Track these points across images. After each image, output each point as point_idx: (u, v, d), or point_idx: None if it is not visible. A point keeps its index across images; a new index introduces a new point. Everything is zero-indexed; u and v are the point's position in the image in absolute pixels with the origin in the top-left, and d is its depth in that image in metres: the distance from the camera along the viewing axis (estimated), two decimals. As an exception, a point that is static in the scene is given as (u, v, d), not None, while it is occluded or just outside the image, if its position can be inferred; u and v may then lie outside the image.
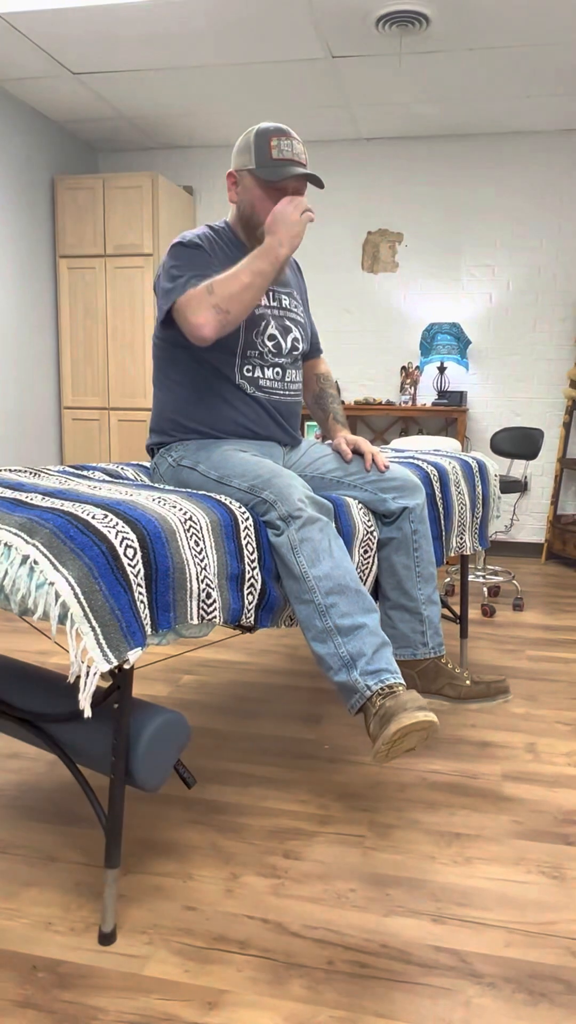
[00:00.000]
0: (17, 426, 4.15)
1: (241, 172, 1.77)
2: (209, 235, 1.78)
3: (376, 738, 1.40)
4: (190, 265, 1.71)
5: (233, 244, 1.81)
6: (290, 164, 1.72)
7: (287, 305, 1.88)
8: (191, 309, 1.64)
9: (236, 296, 1.64)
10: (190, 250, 1.73)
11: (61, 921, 1.38)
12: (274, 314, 1.84)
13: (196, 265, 1.72)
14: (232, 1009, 1.19)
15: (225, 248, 1.79)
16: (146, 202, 4.22)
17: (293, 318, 1.88)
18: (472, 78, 3.63)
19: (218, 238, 1.79)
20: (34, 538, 1.21)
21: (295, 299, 1.91)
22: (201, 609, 1.35)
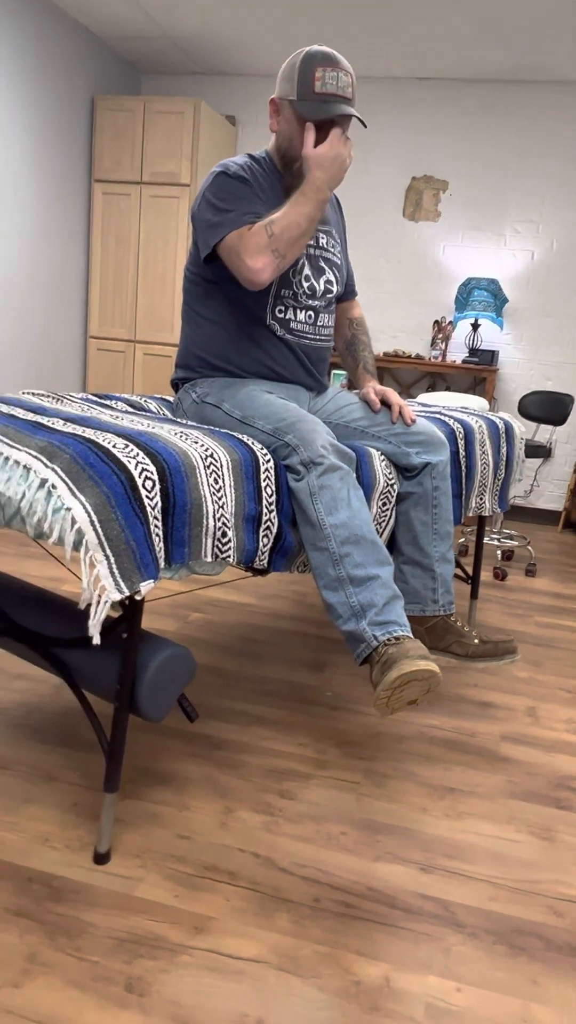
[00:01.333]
0: (42, 352, 4.12)
1: (283, 101, 1.69)
2: (252, 165, 1.72)
3: (377, 685, 1.41)
4: (237, 199, 1.65)
5: (274, 176, 1.75)
6: (334, 100, 1.63)
7: (324, 244, 1.82)
8: (249, 251, 1.59)
9: (294, 242, 1.60)
10: (236, 183, 1.66)
11: (58, 838, 1.41)
12: (310, 253, 1.79)
13: (243, 200, 1.65)
14: (219, 936, 1.22)
15: (266, 181, 1.73)
16: (187, 130, 4.09)
17: (329, 258, 1.83)
18: (537, 20, 3.46)
19: (260, 168, 1.73)
20: (53, 462, 1.20)
21: (333, 238, 1.85)
22: (216, 547, 1.34)
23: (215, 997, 1.10)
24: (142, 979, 1.12)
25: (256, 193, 1.67)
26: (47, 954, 1.15)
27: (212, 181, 1.67)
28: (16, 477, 1.22)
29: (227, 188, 1.65)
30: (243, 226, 1.61)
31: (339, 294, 1.89)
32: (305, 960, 1.19)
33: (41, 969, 1.12)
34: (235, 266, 1.62)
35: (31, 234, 3.90)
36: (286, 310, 1.76)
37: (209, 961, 1.17)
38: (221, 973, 1.15)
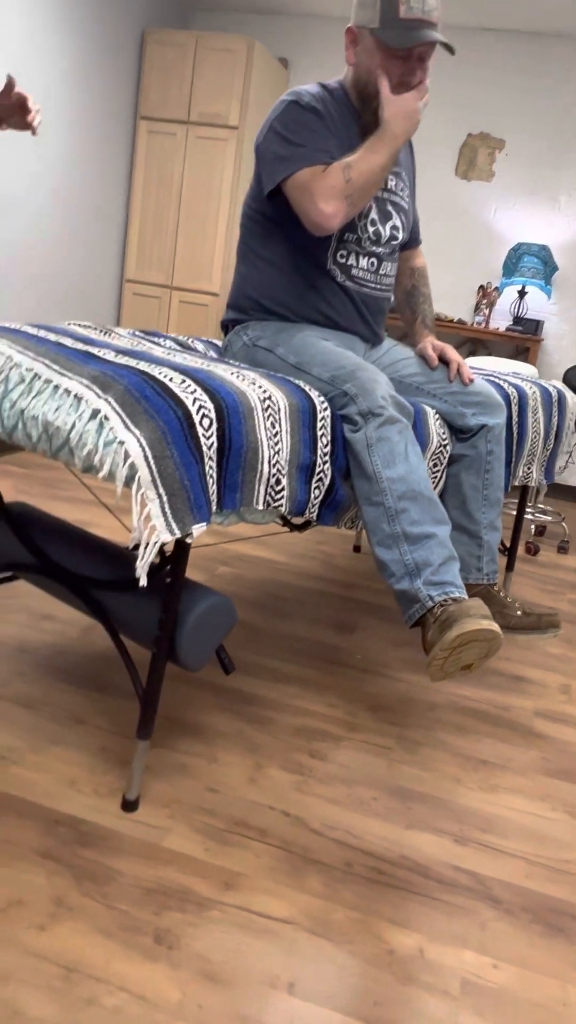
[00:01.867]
0: (76, 291, 4.03)
1: (362, 30, 1.57)
2: (324, 96, 1.61)
3: (433, 645, 1.34)
4: (310, 133, 1.54)
5: (347, 110, 1.64)
6: (419, 26, 1.52)
7: (392, 187, 1.72)
8: (322, 193, 1.49)
9: (367, 191, 1.53)
10: (309, 114, 1.56)
11: (85, 782, 1.38)
12: (378, 196, 1.69)
13: (317, 135, 1.55)
14: (249, 893, 1.18)
15: (339, 114, 1.62)
16: (238, 69, 3.94)
17: (397, 202, 1.73)
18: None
19: (333, 100, 1.62)
20: (106, 393, 1.14)
21: (403, 180, 1.75)
22: (269, 495, 1.28)
23: (245, 956, 1.07)
24: (171, 932, 1.09)
25: (329, 128, 1.57)
26: (74, 898, 1.12)
27: (283, 110, 1.57)
28: (66, 407, 1.15)
29: (300, 119, 1.55)
30: (317, 164, 1.52)
31: (404, 241, 1.79)
32: (337, 924, 1.15)
33: (68, 913, 1.09)
34: (303, 207, 1.53)
35: (73, 169, 3.78)
36: (348, 255, 1.67)
37: (239, 918, 1.13)
38: (251, 931, 1.11)
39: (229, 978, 1.03)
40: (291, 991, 1.03)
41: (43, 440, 1.18)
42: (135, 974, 1.02)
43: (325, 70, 4.41)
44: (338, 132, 1.59)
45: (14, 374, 1.23)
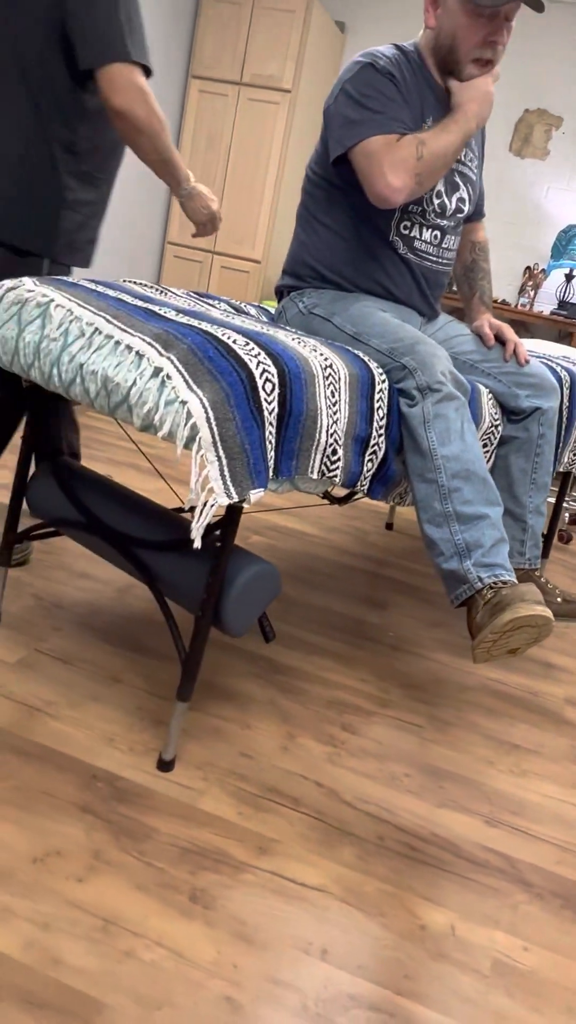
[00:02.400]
0: (116, 252, 4.00)
1: None
2: (400, 60, 1.55)
3: (483, 627, 1.33)
4: (385, 101, 1.49)
5: (421, 76, 1.59)
6: None
7: (462, 157, 1.67)
8: (391, 165, 1.45)
9: (436, 172, 1.49)
10: (385, 80, 1.50)
11: (122, 740, 1.39)
12: None
13: (393, 103, 1.50)
14: (282, 859, 1.19)
15: (413, 80, 1.57)
16: (295, 30, 3.85)
17: (464, 173, 1.68)
18: None
19: (408, 64, 1.57)
20: (169, 351, 1.13)
21: (472, 151, 1.70)
22: (324, 464, 1.26)
23: (279, 920, 1.08)
24: (207, 892, 1.10)
25: (403, 94, 1.53)
26: (112, 853, 1.13)
27: (357, 72, 1.52)
28: (127, 363, 1.14)
29: (375, 84, 1.50)
30: (391, 134, 1.48)
31: (470, 213, 1.75)
32: (369, 896, 1.16)
33: (106, 867, 1.10)
34: (370, 176, 1.48)
35: (122, 126, 3.73)
36: (412, 227, 1.63)
37: (273, 883, 1.14)
38: (285, 897, 1.12)
39: (263, 941, 1.04)
40: (323, 957, 1.04)
41: (101, 396, 1.17)
42: (172, 930, 1.02)
43: (382, 36, 4.31)
44: (411, 99, 1.54)
45: (74, 327, 1.21)
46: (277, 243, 4.23)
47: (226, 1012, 0.93)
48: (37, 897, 1.03)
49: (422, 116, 1.56)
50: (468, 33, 1.50)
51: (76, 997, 0.92)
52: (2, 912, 1.00)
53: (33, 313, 1.25)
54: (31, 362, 1.24)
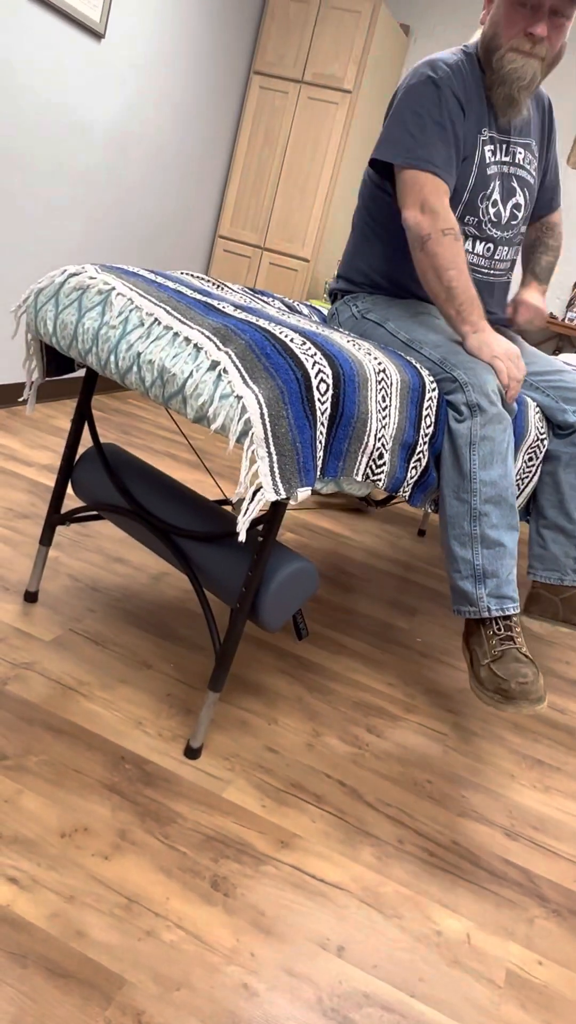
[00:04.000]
0: (166, 240, 4.03)
1: None
2: (463, 68, 1.54)
3: (483, 686, 1.39)
4: (438, 132, 1.48)
5: (477, 76, 1.57)
6: None
7: (520, 160, 1.66)
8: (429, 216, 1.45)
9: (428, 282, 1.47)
10: (446, 96, 1.49)
11: (151, 724, 1.41)
12: (503, 172, 1.64)
13: (445, 135, 1.49)
14: (303, 854, 1.20)
15: (471, 82, 1.55)
16: (360, 31, 3.85)
17: (523, 177, 1.67)
18: None
19: (471, 72, 1.56)
20: (227, 346, 1.14)
21: (532, 153, 1.69)
22: (370, 468, 1.27)
23: (298, 914, 1.09)
24: (227, 880, 1.12)
25: (463, 106, 1.51)
26: (137, 834, 1.15)
27: (422, 81, 1.50)
28: (184, 355, 1.16)
29: (433, 106, 1.48)
30: (439, 178, 1.48)
31: (526, 218, 1.74)
32: (387, 898, 1.16)
33: (131, 847, 1.13)
34: (406, 202, 1.49)
35: (182, 115, 3.77)
36: (466, 240, 1.63)
37: (293, 877, 1.15)
38: (304, 891, 1.13)
39: (281, 932, 1.05)
40: (340, 954, 1.05)
41: (156, 385, 1.19)
42: (192, 914, 1.04)
43: (446, 41, 4.29)
44: (471, 109, 1.54)
45: (134, 316, 1.24)
46: (328, 242, 4.24)
47: (243, 997, 0.95)
48: (63, 870, 1.06)
49: (478, 118, 1.56)
50: (509, 23, 1.50)
51: (98, 971, 0.94)
52: (30, 882, 1.03)
53: (94, 300, 1.27)
54: (89, 347, 1.26)
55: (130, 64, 3.30)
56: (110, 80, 3.22)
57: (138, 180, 3.63)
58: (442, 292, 1.47)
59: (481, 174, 1.60)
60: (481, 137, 1.58)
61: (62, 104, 3.00)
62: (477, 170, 1.58)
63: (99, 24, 3.01)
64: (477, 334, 1.46)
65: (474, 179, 1.59)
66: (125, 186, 3.55)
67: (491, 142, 1.60)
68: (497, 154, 1.62)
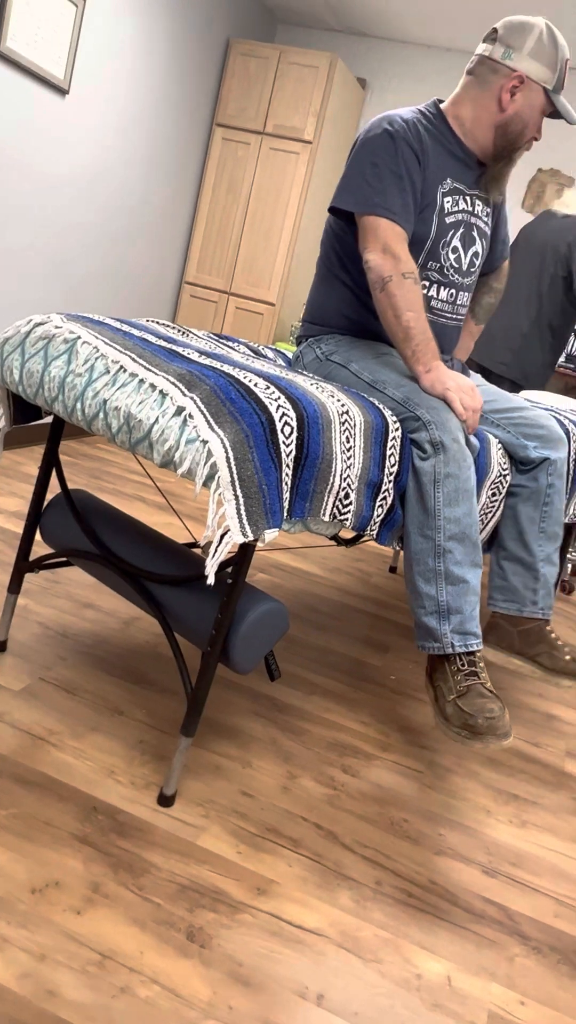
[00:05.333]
0: (134, 288, 4.08)
1: (534, 84, 1.60)
2: (420, 124, 1.61)
3: (449, 722, 1.39)
4: (394, 180, 1.53)
5: (443, 139, 1.63)
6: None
7: (478, 211, 1.72)
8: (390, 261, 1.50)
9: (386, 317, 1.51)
10: (401, 148, 1.55)
11: (123, 773, 1.39)
12: (465, 220, 1.69)
13: (401, 183, 1.54)
14: (280, 901, 1.19)
15: (431, 140, 1.62)
16: (319, 85, 3.98)
17: (480, 227, 1.73)
18: None
19: (430, 128, 1.63)
20: (192, 391, 1.16)
21: (487, 205, 1.75)
22: (336, 507, 1.29)
23: (276, 963, 1.07)
24: (203, 930, 1.10)
25: (420, 159, 1.57)
26: (110, 887, 1.13)
27: (379, 135, 1.55)
28: (150, 401, 1.17)
29: (394, 154, 1.54)
30: (396, 224, 1.53)
31: (481, 265, 1.80)
32: (366, 942, 1.15)
33: (104, 901, 1.10)
34: (366, 246, 1.54)
35: (146, 167, 3.84)
36: (430, 286, 1.68)
37: (270, 924, 1.14)
38: (282, 939, 1.12)
39: (260, 983, 1.03)
40: (320, 1002, 1.03)
41: (123, 432, 1.20)
42: (168, 968, 1.02)
43: (401, 94, 4.45)
44: (429, 162, 1.59)
45: (100, 364, 1.25)
46: (293, 286, 4.32)
47: (220, 1054, 0.93)
48: (34, 927, 1.03)
49: (440, 172, 1.62)
50: (534, 125, 1.65)
51: (71, 1032, 0.91)
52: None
53: (60, 348, 1.29)
54: (55, 395, 1.27)
55: (95, 118, 3.38)
56: (76, 135, 3.28)
57: (105, 230, 3.68)
58: (400, 332, 1.51)
59: (441, 223, 1.66)
60: (442, 188, 1.63)
61: (28, 159, 3.05)
62: (438, 219, 1.64)
63: (63, 80, 3.08)
64: (430, 372, 1.50)
65: (436, 228, 1.65)
66: (92, 236, 3.60)
67: (452, 193, 1.66)
68: (458, 204, 1.68)
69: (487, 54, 1.62)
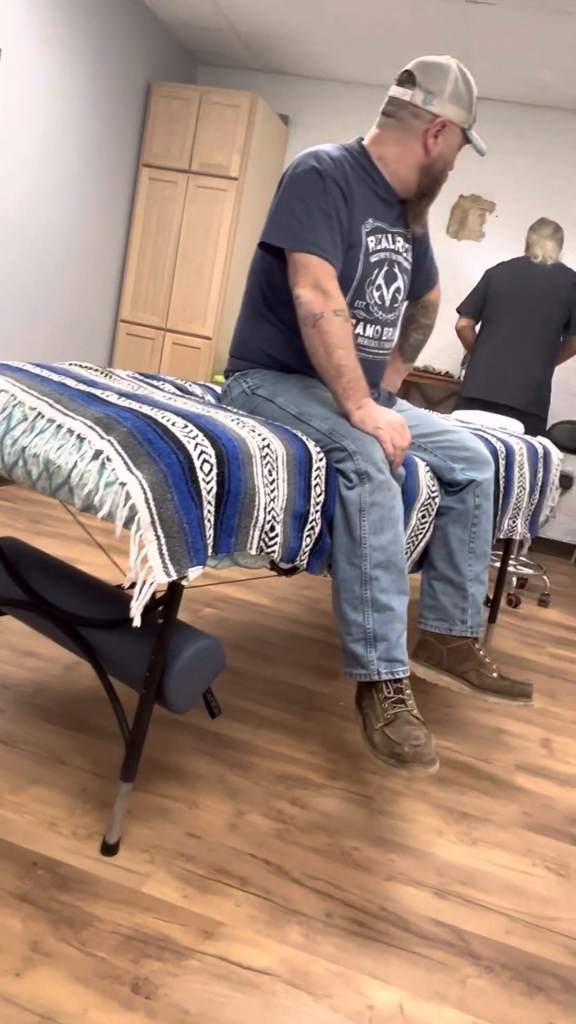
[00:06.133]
0: (70, 330, 4.08)
1: (453, 126, 1.66)
2: (346, 161, 1.64)
3: (376, 750, 1.39)
4: (323, 218, 1.56)
5: (367, 176, 1.68)
6: None
7: (399, 247, 1.76)
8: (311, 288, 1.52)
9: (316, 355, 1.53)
10: (329, 186, 1.57)
11: (64, 824, 1.36)
12: (388, 258, 1.73)
13: (332, 213, 1.58)
14: (228, 943, 1.17)
15: (355, 176, 1.64)
16: (241, 123, 4.07)
17: (401, 263, 1.77)
18: (605, 50, 3.44)
19: (354, 164, 1.67)
20: (109, 434, 1.16)
21: (407, 240, 1.80)
22: (263, 541, 1.30)
23: (224, 1007, 1.06)
24: (149, 980, 1.07)
25: (346, 196, 1.60)
26: (51, 944, 1.10)
27: (307, 172, 1.57)
28: (68, 446, 1.17)
29: (320, 191, 1.57)
30: (325, 260, 1.55)
31: (404, 300, 1.84)
32: (317, 977, 1.14)
33: (44, 959, 1.07)
34: (297, 283, 1.55)
35: (74, 209, 3.86)
36: (357, 324, 1.71)
37: (218, 968, 1.12)
38: (230, 982, 1.10)
39: (207, 1031, 1.02)
40: (269, 1046, 1.01)
41: (43, 478, 1.19)
42: (112, 1024, 1.00)
43: (324, 129, 4.56)
44: (354, 199, 1.63)
45: (17, 412, 1.25)
46: (228, 320, 4.36)
47: None
48: (-29, 995, 1.00)
49: (363, 208, 1.65)
50: (453, 162, 1.72)
51: None
52: None
53: (-24, 398, 1.28)
54: (-26, 445, 1.26)
55: (19, 162, 3.38)
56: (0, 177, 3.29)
57: (36, 273, 3.68)
58: (331, 369, 1.53)
59: (367, 262, 1.69)
60: (365, 228, 1.67)
61: (-49, 205, 3.04)
62: (363, 258, 1.68)
63: (-17, 128, 3.09)
64: (361, 409, 1.52)
65: (362, 267, 1.68)
66: (22, 279, 3.60)
67: (374, 232, 1.70)
68: (381, 243, 1.72)
69: (408, 99, 1.64)
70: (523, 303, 3.35)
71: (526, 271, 3.38)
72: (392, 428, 1.50)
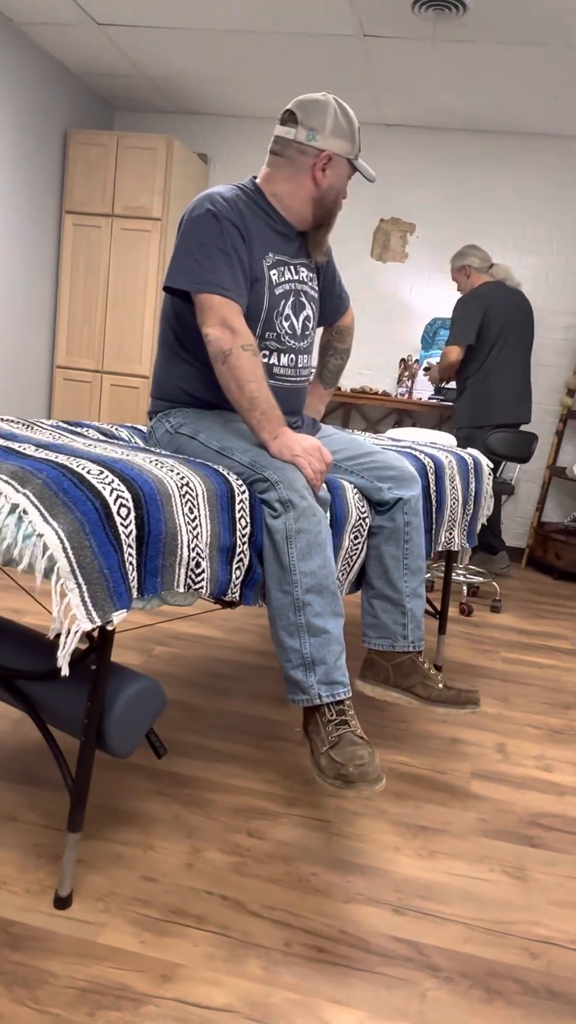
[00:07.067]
0: (6, 381, 4.07)
1: (339, 158, 1.72)
2: (240, 200, 1.69)
3: (325, 770, 1.41)
4: (222, 257, 1.60)
5: (263, 213, 1.73)
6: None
7: (303, 277, 1.81)
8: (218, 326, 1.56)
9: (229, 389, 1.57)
10: (226, 227, 1.62)
11: (16, 881, 1.35)
12: (293, 289, 1.78)
13: (231, 252, 1.62)
14: (186, 984, 1.17)
15: (251, 213, 1.70)
16: (159, 165, 4.13)
17: (307, 292, 1.83)
18: (503, 73, 3.58)
19: (249, 203, 1.71)
20: (25, 487, 1.17)
21: (310, 270, 1.85)
22: (189, 578, 1.31)
23: (183, 1050, 1.05)
24: (105, 1032, 1.07)
25: (243, 235, 1.65)
26: (3, 1006, 1.09)
27: (203, 215, 1.62)
28: (-15, 502, 1.18)
29: (217, 233, 1.61)
30: (229, 299, 1.59)
31: (315, 327, 1.89)
32: (277, 1008, 1.14)
33: (-2, 1023, 1.06)
34: (204, 321, 1.59)
35: (0, 260, 3.87)
36: (270, 355, 1.75)
37: (177, 1011, 1.11)
38: (189, 1024, 1.10)
39: (166, 1076, 1.01)
40: None
41: (-37, 536, 1.19)
42: (68, 1081, 0.99)
43: (242, 165, 4.65)
44: (252, 236, 1.68)
45: None
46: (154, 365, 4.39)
47: None
48: None
49: (261, 243, 1.70)
50: (344, 190, 1.77)
51: None
52: None
53: None
54: None
55: None
56: None
57: (-37, 326, 3.66)
58: (244, 402, 1.56)
59: (272, 295, 1.73)
60: (266, 262, 1.72)
61: None
62: (268, 291, 1.72)
63: None
64: (277, 439, 1.55)
65: (268, 300, 1.72)
66: (-50, 333, 3.58)
67: (276, 265, 1.75)
68: (284, 274, 1.77)
69: (292, 137, 1.70)
70: (524, 326, 3.69)
71: (512, 295, 3.66)
72: (309, 453, 1.53)
